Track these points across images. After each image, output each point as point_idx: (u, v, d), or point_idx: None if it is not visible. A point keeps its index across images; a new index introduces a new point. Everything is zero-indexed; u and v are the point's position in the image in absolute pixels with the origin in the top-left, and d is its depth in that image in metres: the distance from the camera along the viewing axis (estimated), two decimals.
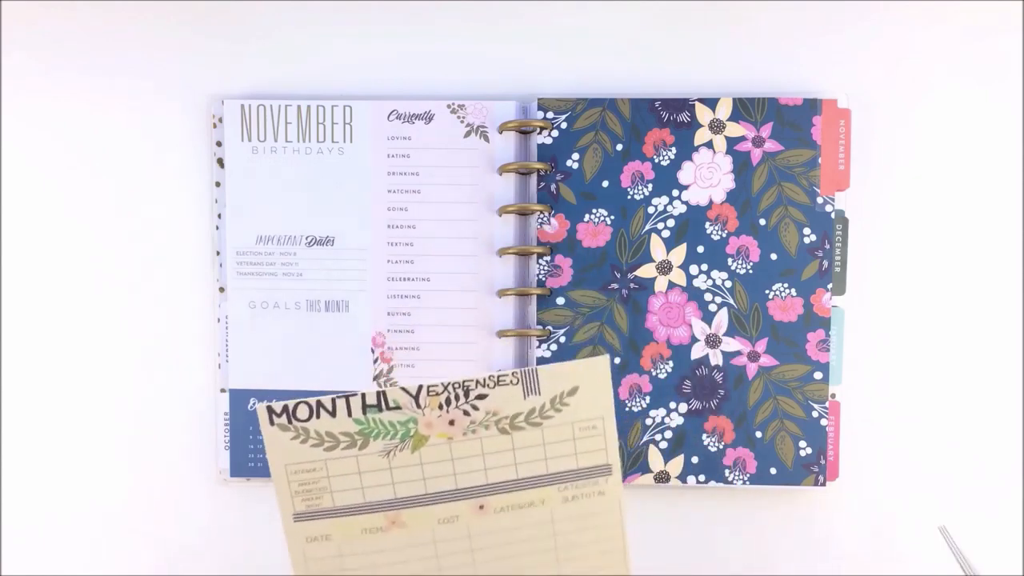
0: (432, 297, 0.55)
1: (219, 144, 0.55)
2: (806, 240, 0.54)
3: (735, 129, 0.54)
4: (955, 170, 0.55)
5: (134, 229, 0.56)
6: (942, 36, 0.55)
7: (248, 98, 0.55)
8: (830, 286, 0.54)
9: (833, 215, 0.54)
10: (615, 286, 0.54)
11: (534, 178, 0.54)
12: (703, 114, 0.54)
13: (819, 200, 0.54)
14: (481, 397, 0.42)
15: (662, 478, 0.55)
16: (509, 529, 0.43)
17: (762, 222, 0.54)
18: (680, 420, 0.54)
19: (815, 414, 0.54)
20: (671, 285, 0.54)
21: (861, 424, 0.56)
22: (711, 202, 0.54)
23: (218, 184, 0.56)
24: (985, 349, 0.55)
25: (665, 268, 0.54)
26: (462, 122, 0.55)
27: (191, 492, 0.57)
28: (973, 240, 0.55)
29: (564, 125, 0.54)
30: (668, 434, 0.54)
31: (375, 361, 0.56)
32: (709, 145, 0.54)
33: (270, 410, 0.41)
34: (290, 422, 0.42)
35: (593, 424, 0.42)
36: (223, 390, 0.56)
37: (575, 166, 0.54)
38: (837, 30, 0.55)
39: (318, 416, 0.42)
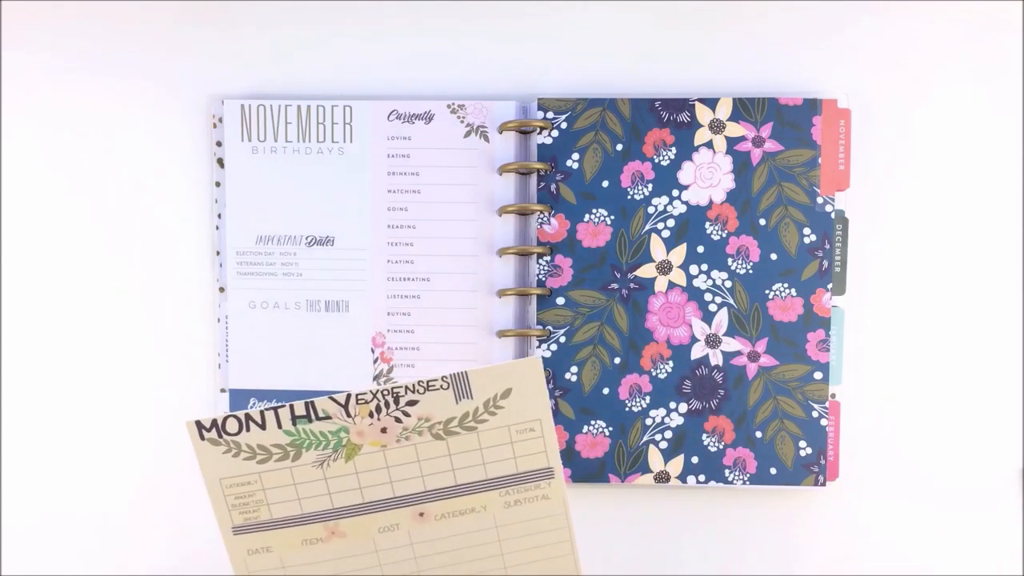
0: (432, 297, 0.55)
1: (219, 144, 0.55)
2: (806, 240, 0.54)
3: (735, 129, 0.54)
4: (955, 170, 0.55)
5: (134, 229, 0.56)
6: (942, 36, 0.55)
7: (248, 98, 0.55)
8: (830, 286, 0.54)
9: (833, 215, 0.54)
10: (615, 286, 0.54)
11: (534, 178, 0.54)
12: (703, 114, 0.54)
13: (819, 200, 0.54)
14: (412, 403, 0.41)
15: (662, 478, 0.55)
16: (452, 536, 0.43)
17: (762, 222, 0.54)
18: (680, 420, 0.54)
19: (815, 414, 0.54)
20: (671, 285, 0.54)
21: (861, 424, 0.56)
22: (711, 202, 0.54)
23: (218, 184, 0.56)
24: (985, 348, 0.55)
25: (665, 268, 0.54)
26: (462, 122, 0.55)
27: (191, 492, 0.56)
28: (973, 240, 0.55)
29: (564, 125, 0.54)
30: (668, 434, 0.54)
31: (375, 361, 0.56)
32: (709, 145, 0.54)
33: (199, 425, 0.41)
34: (220, 436, 0.41)
35: (530, 427, 0.41)
36: (223, 390, 0.56)
37: (575, 166, 0.54)
38: (837, 30, 0.55)
39: (248, 429, 0.41)
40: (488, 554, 0.43)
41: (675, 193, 0.54)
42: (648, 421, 0.54)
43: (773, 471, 0.54)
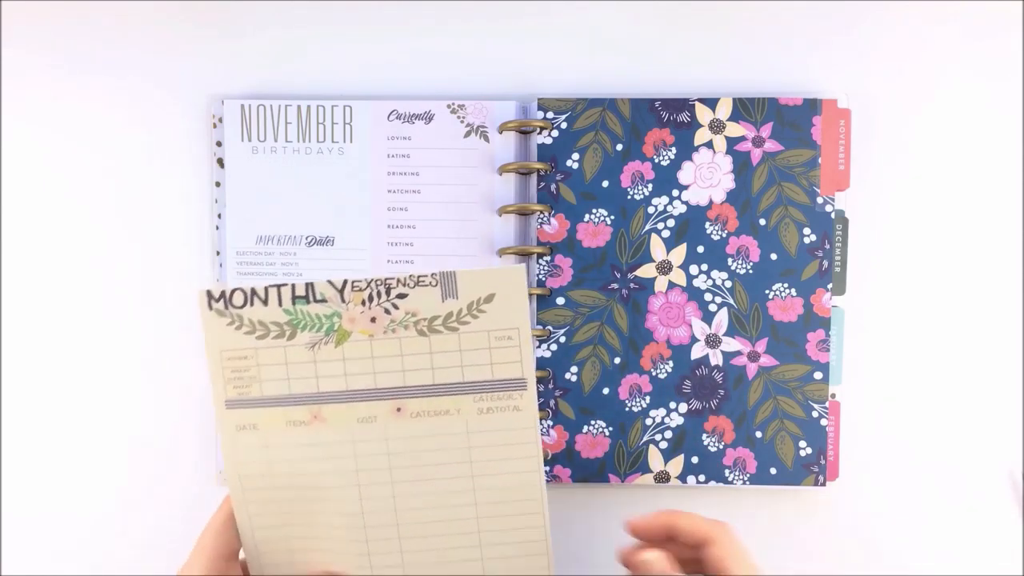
0: None
1: (219, 144, 0.55)
2: (806, 240, 0.54)
3: (735, 129, 0.54)
4: (955, 170, 0.55)
5: (134, 229, 0.56)
6: (943, 36, 0.55)
7: (248, 98, 0.55)
8: (830, 286, 0.54)
9: (833, 215, 0.54)
10: (615, 286, 0.54)
11: (534, 178, 0.54)
12: (703, 114, 0.54)
13: (819, 200, 0.54)
14: (402, 296, 0.43)
15: (662, 478, 0.55)
16: (425, 436, 0.44)
17: (762, 222, 0.54)
18: (680, 420, 0.54)
19: (815, 414, 0.54)
20: (671, 285, 0.54)
21: (861, 424, 0.56)
22: (711, 202, 0.54)
23: (218, 184, 0.56)
24: (985, 348, 0.55)
25: (665, 268, 0.54)
26: (462, 122, 0.55)
27: (191, 493, 0.57)
28: (973, 240, 0.55)
29: (564, 125, 0.54)
30: (668, 434, 0.54)
31: None
32: (709, 145, 0.54)
33: (209, 295, 0.44)
34: (226, 308, 0.44)
35: (508, 335, 0.43)
36: None
37: (575, 166, 0.54)
38: (837, 30, 0.55)
39: (251, 304, 0.44)
40: (457, 459, 0.44)
41: (675, 193, 0.54)
42: (648, 421, 0.54)
43: (773, 471, 0.54)
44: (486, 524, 0.44)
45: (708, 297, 0.54)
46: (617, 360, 0.54)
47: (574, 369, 0.54)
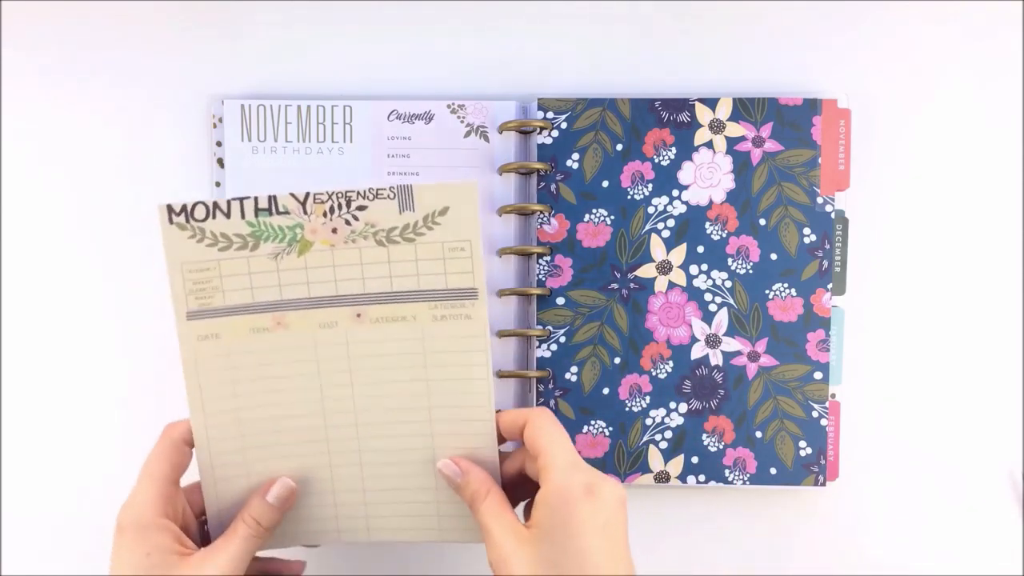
0: None
1: (219, 144, 0.55)
2: (806, 240, 0.54)
3: (735, 129, 0.54)
4: (955, 170, 0.55)
5: (134, 230, 0.56)
6: (942, 36, 0.55)
7: (248, 98, 0.55)
8: (830, 286, 0.54)
9: (833, 215, 0.54)
10: (615, 286, 0.54)
11: (534, 178, 0.54)
12: (703, 114, 0.54)
13: (819, 200, 0.54)
14: (361, 208, 0.45)
15: (662, 478, 0.55)
16: (383, 340, 0.46)
17: (762, 222, 0.54)
18: (680, 420, 0.54)
19: (815, 414, 0.54)
20: (671, 285, 0.54)
21: (861, 424, 0.56)
22: (711, 202, 0.54)
23: (218, 184, 0.55)
24: (985, 348, 0.55)
25: (665, 268, 0.54)
26: (462, 122, 0.55)
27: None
28: (973, 239, 0.55)
29: (564, 125, 0.54)
30: (668, 434, 0.54)
31: None
32: (709, 145, 0.54)
33: (170, 209, 0.45)
34: (188, 221, 0.45)
35: (461, 246, 0.45)
36: None
37: (575, 166, 0.54)
38: (837, 30, 0.55)
39: (214, 217, 0.45)
40: (413, 363, 0.46)
41: (675, 193, 0.54)
42: (648, 421, 0.54)
43: (773, 471, 0.54)
44: (438, 414, 0.47)
45: (708, 297, 0.54)
46: (617, 360, 0.54)
47: (574, 369, 0.54)
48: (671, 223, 0.54)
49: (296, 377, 0.46)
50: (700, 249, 0.54)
